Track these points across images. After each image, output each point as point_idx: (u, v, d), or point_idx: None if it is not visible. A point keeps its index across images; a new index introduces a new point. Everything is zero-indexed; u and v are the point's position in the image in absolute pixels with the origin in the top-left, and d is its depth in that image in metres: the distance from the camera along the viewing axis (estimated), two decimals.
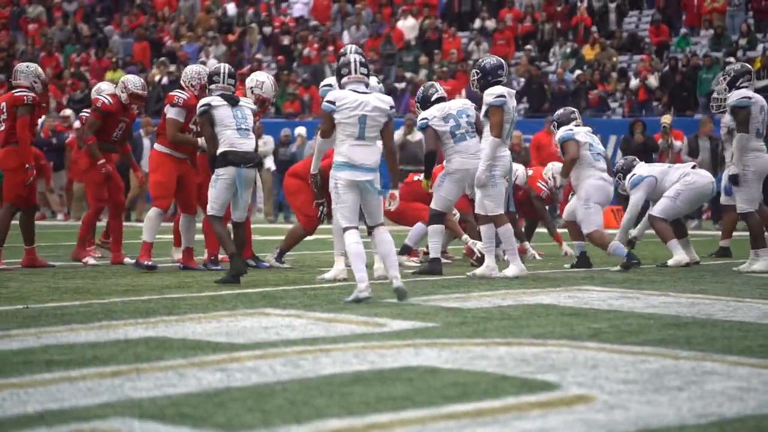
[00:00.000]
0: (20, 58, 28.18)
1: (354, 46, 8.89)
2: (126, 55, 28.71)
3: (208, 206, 8.98)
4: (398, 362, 5.12)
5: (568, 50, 24.98)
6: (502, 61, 9.67)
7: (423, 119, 9.74)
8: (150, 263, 10.10)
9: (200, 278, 9.41)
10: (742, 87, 10.18)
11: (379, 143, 7.90)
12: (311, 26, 28.77)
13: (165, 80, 25.98)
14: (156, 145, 10.38)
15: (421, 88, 10.16)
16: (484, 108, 9.46)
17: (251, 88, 10.32)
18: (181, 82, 10.43)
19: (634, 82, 22.65)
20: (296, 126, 23.28)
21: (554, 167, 12.04)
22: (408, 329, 6.22)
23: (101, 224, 12.50)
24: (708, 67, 21.97)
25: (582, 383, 4.65)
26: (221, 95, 9.05)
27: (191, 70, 10.43)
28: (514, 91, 9.75)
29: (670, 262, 10.53)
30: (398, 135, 21.18)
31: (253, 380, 4.71)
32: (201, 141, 9.94)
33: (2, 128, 10.33)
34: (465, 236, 11.37)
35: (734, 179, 10.09)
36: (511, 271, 9.41)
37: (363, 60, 7.96)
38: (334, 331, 6.14)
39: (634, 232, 11.24)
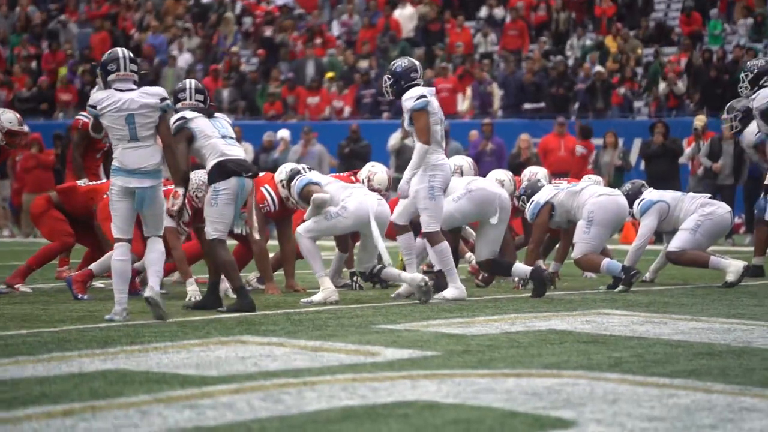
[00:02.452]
0: None
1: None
2: (83, 47, 28.73)
3: (210, 228, 8.74)
4: (393, 396, 5.12)
5: (588, 42, 25.02)
6: (415, 62, 9.79)
7: (422, 97, 9.57)
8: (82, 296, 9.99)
9: (168, 303, 9.40)
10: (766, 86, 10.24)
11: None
12: (296, 15, 28.83)
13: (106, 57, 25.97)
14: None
15: (404, 62, 9.75)
16: (406, 116, 9.57)
17: (281, 181, 10.27)
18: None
19: (662, 87, 22.67)
20: (279, 129, 23.33)
21: (530, 171, 11.93)
22: (404, 359, 6.22)
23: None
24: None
25: (601, 420, 4.65)
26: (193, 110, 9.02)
27: None
28: (433, 89, 9.83)
29: (729, 278, 10.47)
30: (395, 139, 21.23)
31: (227, 418, 4.70)
32: None
33: None
34: (469, 254, 11.37)
35: None
36: (450, 293, 9.45)
37: (132, 56, 8.37)
38: (321, 362, 6.14)
39: (648, 275, 11.25)
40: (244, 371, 5.82)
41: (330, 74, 25.46)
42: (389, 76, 9.68)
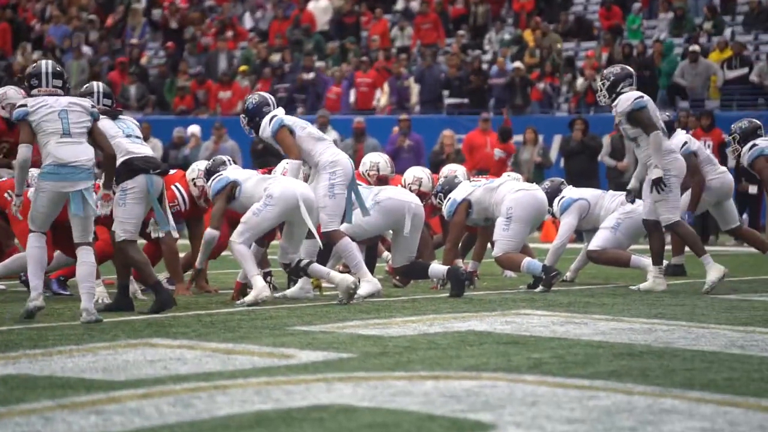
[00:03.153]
0: None
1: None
2: None
3: (119, 230, 8.68)
4: (307, 400, 5.12)
5: (507, 36, 25.20)
6: (267, 97, 10.05)
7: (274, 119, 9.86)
8: None
9: (73, 305, 9.29)
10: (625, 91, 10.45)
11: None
12: (207, 7, 28.66)
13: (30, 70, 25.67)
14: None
15: (254, 98, 10.06)
16: (273, 143, 9.85)
17: (192, 179, 10.38)
18: None
19: (580, 82, 22.90)
20: (189, 124, 23.19)
21: (449, 169, 11.99)
22: (319, 361, 6.22)
23: None
24: (666, 56, 22.38)
25: (520, 423, 4.68)
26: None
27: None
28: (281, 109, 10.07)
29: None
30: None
31: (135, 424, 4.67)
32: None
33: None
34: (386, 253, 11.40)
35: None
36: (364, 289, 9.50)
37: (58, 70, 8.48)
38: (233, 365, 6.12)
39: (568, 274, 11.37)
40: (153, 375, 5.78)
41: (243, 68, 25.35)
42: (244, 116, 10.03)
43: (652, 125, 10.29)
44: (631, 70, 10.70)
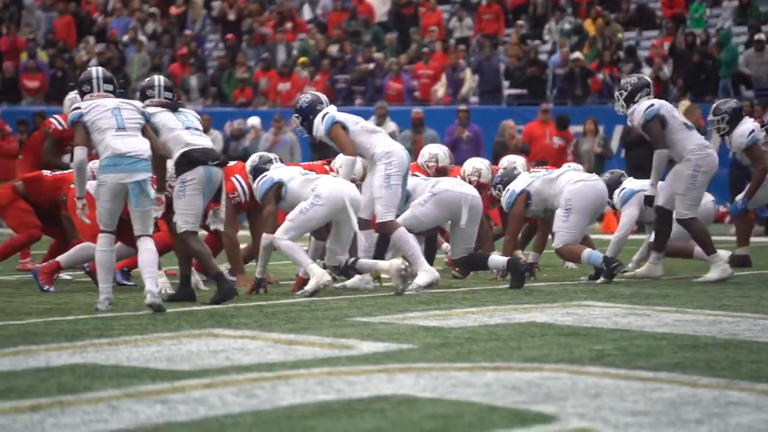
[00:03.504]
0: None
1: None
2: (47, 31, 28.58)
3: (180, 221, 8.73)
4: (369, 391, 5.13)
5: (566, 26, 25.05)
6: (319, 95, 10.13)
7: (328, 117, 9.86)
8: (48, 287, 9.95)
9: (137, 295, 9.38)
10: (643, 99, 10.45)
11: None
12: None
13: (93, 62, 25.93)
14: None
15: (307, 97, 10.12)
16: (327, 141, 9.95)
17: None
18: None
19: (647, 72, 22.70)
20: (249, 116, 23.27)
21: (508, 160, 11.93)
22: (380, 352, 6.23)
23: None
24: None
25: (583, 414, 4.67)
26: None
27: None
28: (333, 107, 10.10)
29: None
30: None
31: (199, 413, 4.70)
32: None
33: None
34: (445, 244, 11.38)
35: None
36: (421, 279, 9.50)
37: (107, 75, 8.75)
38: (295, 355, 6.14)
39: (630, 266, 11.30)
40: (216, 365, 5.81)
41: (303, 59, 25.41)
42: (297, 115, 10.08)
43: (658, 141, 10.38)
44: (649, 80, 10.75)
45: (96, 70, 8.79)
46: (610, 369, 5.67)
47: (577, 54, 23.15)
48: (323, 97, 10.13)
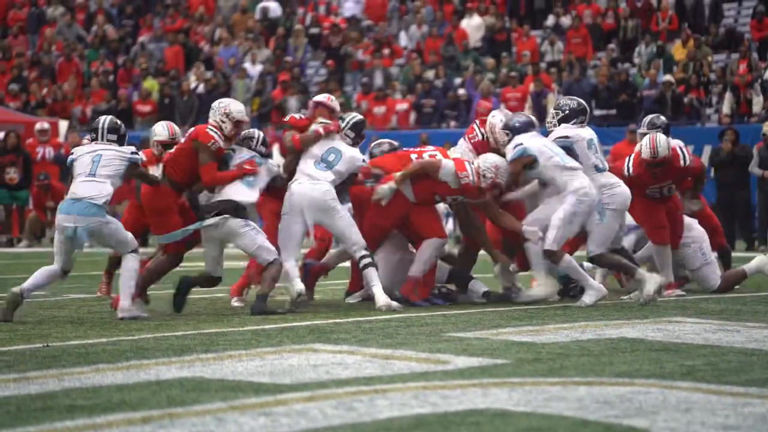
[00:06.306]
0: (36, 67, 28.79)
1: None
2: (158, 61, 29.06)
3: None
4: (464, 404, 5.12)
5: (654, 49, 24.80)
6: (533, 119, 10.15)
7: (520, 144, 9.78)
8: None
9: (240, 311, 9.46)
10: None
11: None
12: (364, 26, 28.90)
13: (201, 88, 26.28)
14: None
15: (522, 118, 10.15)
16: None
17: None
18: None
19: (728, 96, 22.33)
20: None
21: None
22: (474, 367, 6.21)
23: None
24: None
25: (674, 429, 4.61)
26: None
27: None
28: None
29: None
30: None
31: (301, 425, 4.73)
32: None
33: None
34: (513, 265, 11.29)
35: None
36: (588, 298, 9.57)
37: (115, 124, 9.06)
38: (392, 370, 6.15)
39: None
40: (316, 379, 5.84)
41: (395, 82, 25.55)
42: (507, 131, 10.01)
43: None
44: (586, 106, 10.24)
45: (103, 120, 9.07)
46: (700, 384, 5.59)
47: (668, 77, 22.91)
48: (535, 121, 10.20)
